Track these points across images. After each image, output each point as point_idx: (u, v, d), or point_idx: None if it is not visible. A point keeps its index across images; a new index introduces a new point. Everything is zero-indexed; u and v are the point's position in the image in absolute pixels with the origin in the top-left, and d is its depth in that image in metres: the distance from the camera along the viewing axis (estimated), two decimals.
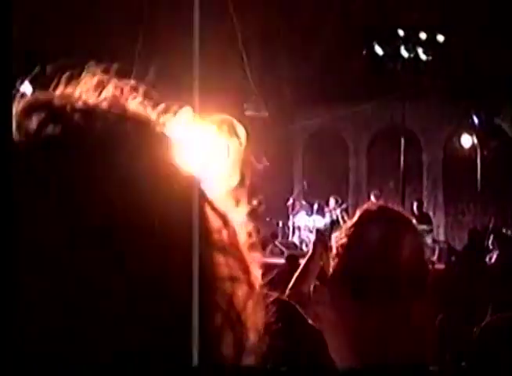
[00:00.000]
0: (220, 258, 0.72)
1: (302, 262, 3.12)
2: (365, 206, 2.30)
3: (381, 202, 2.41)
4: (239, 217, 0.79)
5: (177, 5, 9.09)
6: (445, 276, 9.65)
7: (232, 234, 0.75)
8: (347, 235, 2.24)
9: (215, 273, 0.71)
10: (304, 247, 16.49)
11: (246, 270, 0.74)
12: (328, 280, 2.27)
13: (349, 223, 2.31)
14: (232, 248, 0.73)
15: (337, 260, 2.23)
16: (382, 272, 2.10)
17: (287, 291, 2.68)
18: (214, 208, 0.74)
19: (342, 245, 2.25)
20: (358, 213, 2.28)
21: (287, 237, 17.48)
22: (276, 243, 16.48)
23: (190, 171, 0.74)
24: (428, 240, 15.17)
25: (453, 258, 12.82)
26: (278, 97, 16.82)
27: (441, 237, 17.64)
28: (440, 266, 11.82)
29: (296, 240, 17.15)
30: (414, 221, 2.39)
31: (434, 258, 13.82)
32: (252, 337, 0.73)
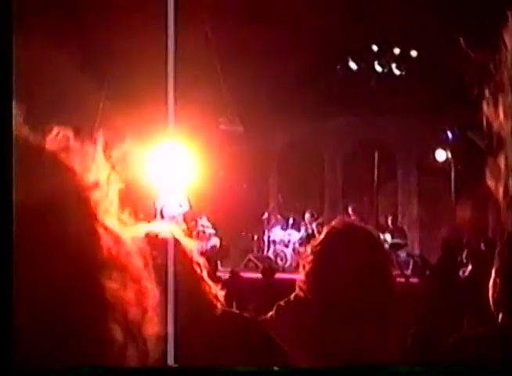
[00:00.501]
0: (112, 281, 0.71)
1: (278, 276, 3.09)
2: (332, 223, 2.30)
3: (348, 219, 2.41)
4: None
5: (151, 18, 9.06)
6: (419, 289, 9.68)
7: (124, 256, 0.74)
8: (313, 253, 2.24)
9: (108, 294, 0.71)
10: (279, 262, 16.49)
11: (138, 289, 0.74)
12: (293, 298, 2.25)
13: (316, 241, 2.31)
14: (124, 270, 0.73)
15: (303, 278, 2.22)
16: (348, 290, 2.09)
17: (255, 312, 2.66)
18: (106, 229, 0.73)
19: (309, 263, 2.24)
20: (325, 230, 2.28)
21: (262, 252, 17.46)
22: (251, 257, 16.46)
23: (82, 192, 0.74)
24: (403, 253, 15.24)
25: (427, 272, 12.86)
26: (253, 111, 16.83)
27: (416, 251, 17.71)
28: (414, 280, 11.86)
29: (271, 254, 17.13)
30: (381, 237, 2.40)
31: (409, 271, 13.87)
32: (153, 346, 0.73)
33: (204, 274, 2.02)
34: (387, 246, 14.67)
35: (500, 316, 2.30)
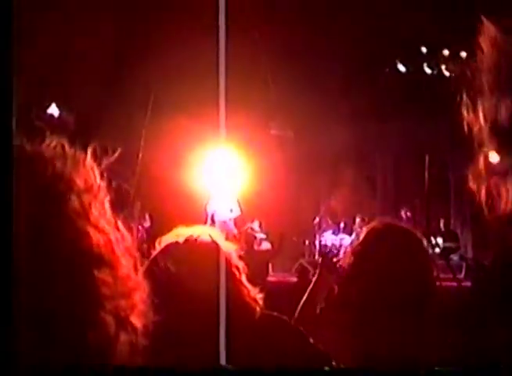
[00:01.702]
0: (104, 276, 0.76)
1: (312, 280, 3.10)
2: (372, 224, 2.30)
3: (388, 219, 2.41)
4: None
5: (202, 25, 9.17)
6: (472, 293, 9.55)
7: (115, 253, 0.79)
8: (353, 254, 2.25)
9: (100, 288, 0.75)
10: None
11: (128, 283, 0.78)
12: (335, 301, 2.27)
13: (356, 242, 2.32)
14: (114, 266, 0.77)
15: (344, 280, 2.24)
16: (386, 292, 2.10)
17: (296, 314, 2.68)
18: (96, 227, 0.78)
19: (349, 264, 2.26)
20: (364, 231, 2.28)
21: (314, 256, 17.40)
22: (302, 262, 16.41)
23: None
24: (455, 257, 15.03)
25: (481, 275, 12.65)
26: (303, 115, 16.84)
27: (470, 254, 17.46)
28: (467, 284, 11.70)
29: None
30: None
31: (462, 275, 13.68)
32: (142, 335, 0.77)
33: (243, 278, 2.05)
34: (439, 250, 14.51)
35: None
